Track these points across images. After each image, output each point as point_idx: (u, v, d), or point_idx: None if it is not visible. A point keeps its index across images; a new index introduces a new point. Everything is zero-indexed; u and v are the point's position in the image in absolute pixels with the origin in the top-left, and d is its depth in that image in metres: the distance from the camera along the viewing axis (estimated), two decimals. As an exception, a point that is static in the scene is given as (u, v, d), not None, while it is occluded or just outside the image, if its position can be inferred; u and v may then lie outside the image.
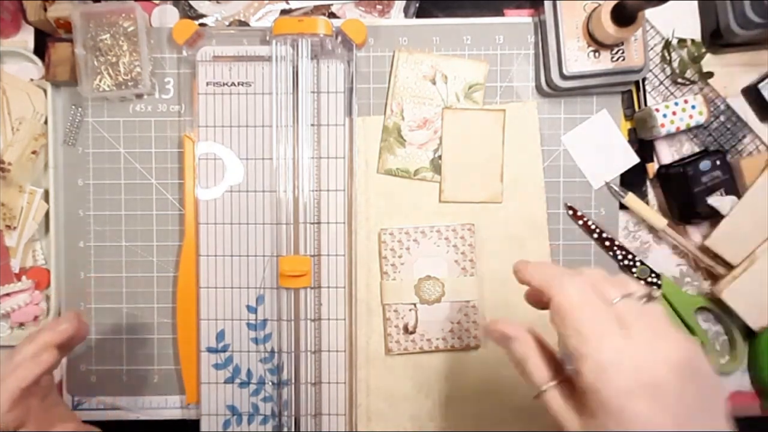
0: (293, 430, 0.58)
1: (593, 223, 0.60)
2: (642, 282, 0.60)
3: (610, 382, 0.32)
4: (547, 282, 0.37)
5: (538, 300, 0.39)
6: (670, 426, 0.31)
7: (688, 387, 0.32)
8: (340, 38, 0.58)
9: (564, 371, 0.37)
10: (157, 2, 0.61)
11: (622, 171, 0.60)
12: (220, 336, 0.58)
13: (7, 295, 0.59)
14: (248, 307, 0.59)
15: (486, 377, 0.59)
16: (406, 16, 0.61)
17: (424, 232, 0.58)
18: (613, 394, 0.32)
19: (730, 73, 0.61)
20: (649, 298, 0.36)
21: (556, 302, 0.35)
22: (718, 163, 0.58)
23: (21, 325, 0.61)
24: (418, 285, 0.58)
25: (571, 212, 0.60)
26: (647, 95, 0.61)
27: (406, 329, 0.58)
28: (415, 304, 0.58)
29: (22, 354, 0.46)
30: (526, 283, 0.39)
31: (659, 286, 0.60)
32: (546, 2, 0.56)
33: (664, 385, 0.31)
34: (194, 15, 0.61)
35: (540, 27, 0.58)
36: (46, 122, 0.60)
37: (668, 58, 0.60)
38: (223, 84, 0.59)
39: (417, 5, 0.61)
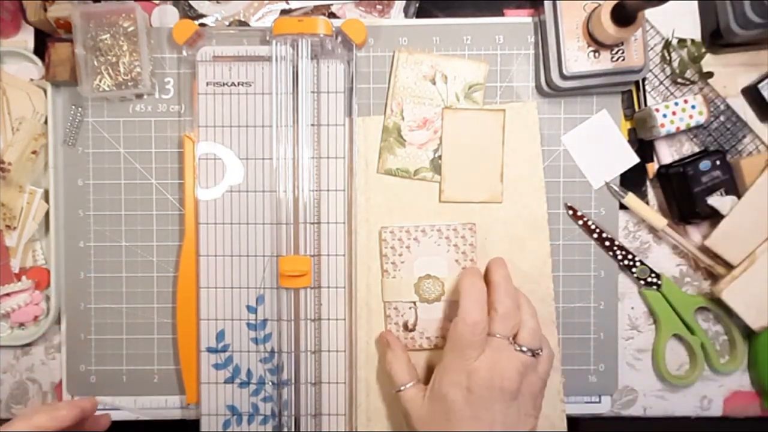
0: (293, 430, 0.58)
1: (593, 223, 0.60)
2: (642, 282, 0.60)
3: (446, 376, 0.49)
4: (463, 298, 0.50)
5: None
6: (468, 412, 0.47)
7: (496, 403, 0.47)
8: (340, 38, 0.58)
9: (417, 377, 0.54)
10: (157, 2, 0.61)
11: (622, 171, 0.60)
12: (220, 336, 0.58)
13: (7, 295, 0.59)
14: (248, 307, 0.59)
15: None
16: (406, 16, 0.61)
17: (425, 230, 0.58)
18: (445, 384, 0.49)
19: (730, 73, 0.61)
20: (533, 353, 0.49)
21: (458, 317, 0.50)
22: (718, 163, 0.58)
23: (21, 325, 0.61)
24: (418, 284, 0.58)
25: (571, 212, 0.60)
26: (647, 95, 0.61)
27: (406, 327, 0.58)
28: (414, 303, 0.58)
29: None
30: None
31: (659, 286, 0.60)
32: (546, 2, 0.56)
33: (476, 392, 0.47)
34: (194, 15, 0.61)
35: (540, 27, 0.58)
36: (46, 122, 0.60)
37: (668, 58, 0.60)
38: (223, 84, 0.59)
39: (417, 5, 0.61)
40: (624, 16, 0.51)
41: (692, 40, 0.60)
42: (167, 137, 0.60)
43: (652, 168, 0.61)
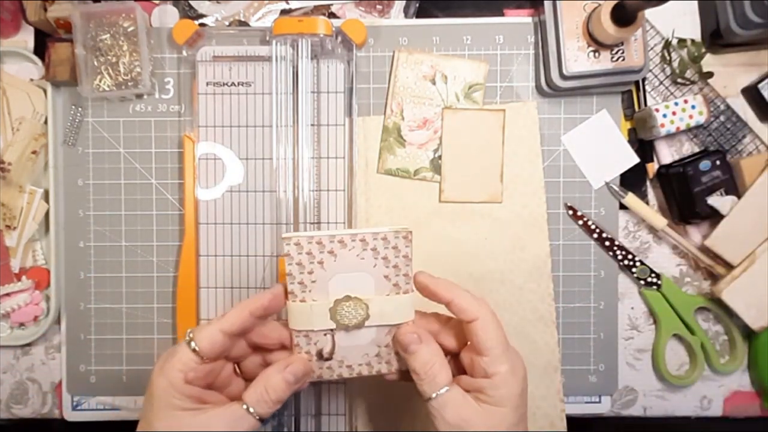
0: (293, 430, 0.58)
1: (593, 223, 0.60)
2: (642, 282, 0.60)
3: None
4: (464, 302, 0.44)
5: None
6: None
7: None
8: (340, 38, 0.58)
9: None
10: (157, 2, 0.61)
11: (622, 171, 0.60)
12: (220, 336, 0.58)
13: (7, 295, 0.59)
14: (248, 307, 0.59)
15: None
16: (406, 16, 0.61)
17: (344, 241, 0.43)
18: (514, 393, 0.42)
19: (730, 73, 0.61)
20: None
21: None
22: (718, 163, 0.58)
23: (21, 325, 0.61)
24: (335, 308, 0.44)
25: (571, 212, 0.60)
26: (647, 95, 0.61)
27: (320, 355, 0.46)
28: (331, 330, 0.45)
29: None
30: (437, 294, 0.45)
31: (659, 286, 0.60)
32: (546, 2, 0.56)
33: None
34: (194, 15, 0.61)
35: (540, 27, 0.58)
36: (46, 122, 0.60)
37: (668, 58, 0.60)
38: (223, 84, 0.59)
39: (417, 5, 0.61)
40: (624, 16, 0.51)
41: (692, 40, 0.60)
42: (167, 137, 0.60)
43: (652, 168, 0.61)
